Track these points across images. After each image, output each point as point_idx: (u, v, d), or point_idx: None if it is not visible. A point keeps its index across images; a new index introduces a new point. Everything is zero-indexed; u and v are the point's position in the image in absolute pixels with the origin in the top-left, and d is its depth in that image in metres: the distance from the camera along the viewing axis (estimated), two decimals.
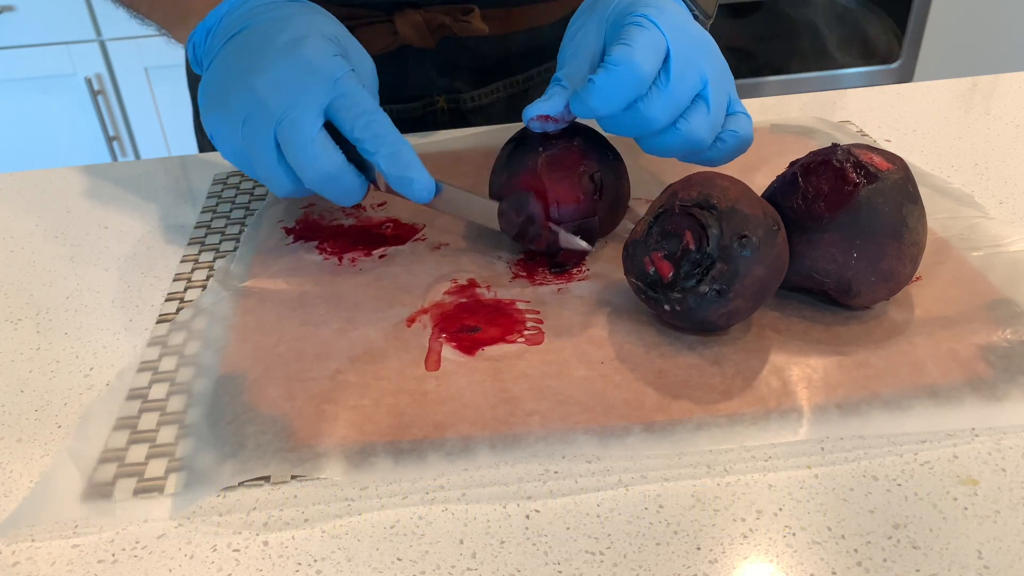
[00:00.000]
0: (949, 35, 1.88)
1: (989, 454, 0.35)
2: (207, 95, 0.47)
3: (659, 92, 0.43)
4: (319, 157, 0.43)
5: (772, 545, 0.32)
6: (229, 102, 0.45)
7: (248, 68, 0.45)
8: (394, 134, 0.44)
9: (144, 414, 0.39)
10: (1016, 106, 0.68)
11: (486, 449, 0.36)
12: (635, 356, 0.41)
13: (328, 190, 0.45)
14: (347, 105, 0.44)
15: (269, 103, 0.43)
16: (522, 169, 0.47)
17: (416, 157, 0.44)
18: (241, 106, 0.44)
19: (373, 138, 0.44)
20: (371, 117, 0.44)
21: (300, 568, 0.32)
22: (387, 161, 0.44)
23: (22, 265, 0.53)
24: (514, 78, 0.71)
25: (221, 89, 0.46)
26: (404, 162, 0.44)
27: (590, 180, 0.47)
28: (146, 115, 1.70)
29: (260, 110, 0.44)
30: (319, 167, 0.44)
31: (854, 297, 0.42)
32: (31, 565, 0.33)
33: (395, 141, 0.44)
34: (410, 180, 0.44)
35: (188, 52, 0.50)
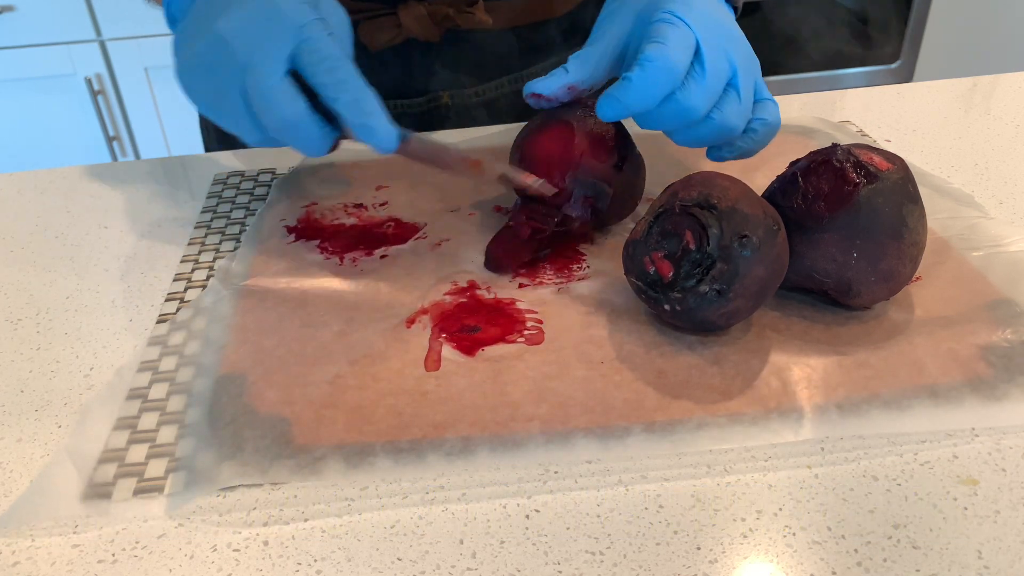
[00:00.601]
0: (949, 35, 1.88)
1: (989, 454, 0.35)
2: (179, 49, 0.46)
3: (696, 82, 0.44)
4: (281, 104, 0.43)
5: (772, 545, 0.32)
6: (196, 50, 0.44)
7: (215, 15, 0.44)
8: (358, 82, 0.43)
9: (144, 414, 0.39)
10: (1016, 106, 0.68)
11: (486, 451, 0.36)
12: (635, 356, 0.41)
13: (291, 139, 0.44)
14: (310, 50, 0.43)
15: (234, 48, 0.43)
16: (555, 120, 0.49)
17: (379, 106, 0.43)
18: (207, 53, 0.44)
19: (335, 84, 0.43)
20: (334, 64, 0.43)
21: (300, 568, 0.32)
22: (348, 109, 0.43)
23: (22, 265, 0.53)
24: (518, 74, 0.71)
25: (190, 39, 0.45)
26: (366, 110, 0.43)
27: (615, 149, 0.48)
28: (146, 115, 1.70)
29: (225, 56, 0.43)
30: (281, 114, 0.43)
31: (854, 297, 0.42)
32: (31, 565, 0.33)
33: (358, 88, 0.43)
34: (371, 128, 0.43)
35: (165, 12, 0.50)
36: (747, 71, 0.46)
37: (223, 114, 0.45)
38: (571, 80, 0.48)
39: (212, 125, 0.76)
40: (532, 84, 0.48)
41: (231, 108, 0.44)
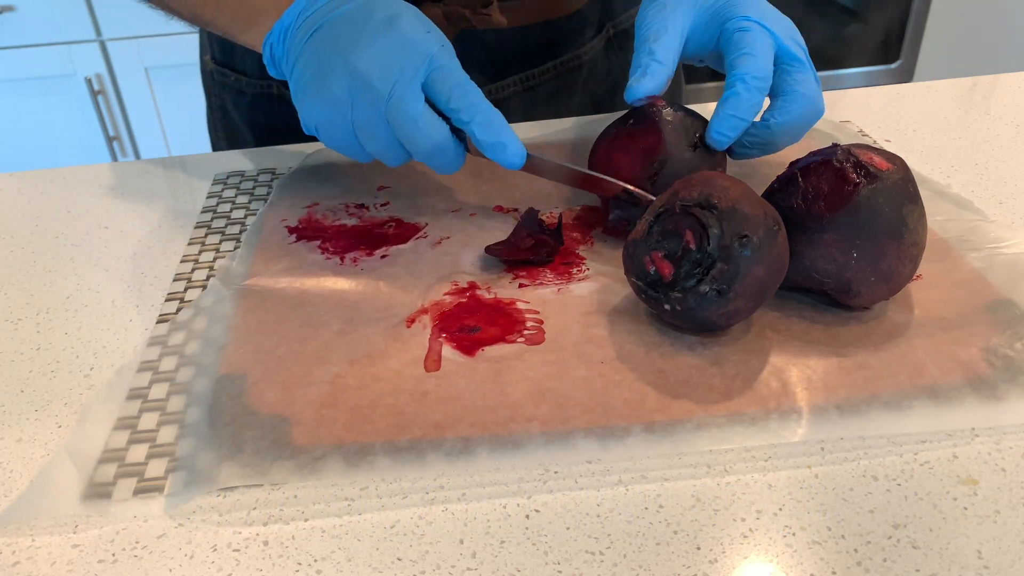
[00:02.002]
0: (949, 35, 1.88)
1: (989, 454, 0.35)
2: (301, 89, 0.49)
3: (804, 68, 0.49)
4: (428, 131, 0.46)
5: (772, 545, 0.32)
6: (330, 88, 0.46)
7: (346, 52, 0.46)
8: (486, 103, 0.47)
9: (144, 414, 0.39)
10: (1016, 106, 0.68)
11: (486, 451, 0.36)
12: (635, 356, 0.41)
13: (435, 160, 0.48)
14: (442, 78, 0.46)
15: (374, 82, 0.45)
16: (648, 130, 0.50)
17: (507, 125, 0.47)
18: (345, 89, 0.46)
19: (469, 107, 0.46)
20: (465, 88, 0.46)
21: (300, 568, 0.32)
22: (481, 129, 0.46)
23: (22, 265, 0.53)
24: (530, 71, 0.71)
25: (317, 79, 0.47)
26: (497, 129, 0.46)
27: (650, 163, 0.49)
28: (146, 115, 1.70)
29: (366, 90, 0.46)
30: (429, 140, 0.46)
31: (854, 297, 0.42)
32: (31, 565, 0.33)
33: (488, 110, 0.46)
34: (503, 146, 0.47)
35: (265, 55, 0.52)
36: (799, 44, 0.51)
37: (366, 142, 0.48)
38: (669, 72, 0.50)
39: (221, 123, 0.77)
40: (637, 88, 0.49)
41: (377, 136, 0.47)
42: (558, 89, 0.72)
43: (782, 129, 0.49)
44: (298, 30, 0.49)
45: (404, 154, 0.49)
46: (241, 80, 0.72)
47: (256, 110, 0.72)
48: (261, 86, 0.70)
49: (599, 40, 0.73)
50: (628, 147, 0.50)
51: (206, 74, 0.76)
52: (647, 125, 0.50)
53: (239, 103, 0.73)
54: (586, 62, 0.72)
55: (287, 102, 0.70)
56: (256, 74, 0.70)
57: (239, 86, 0.72)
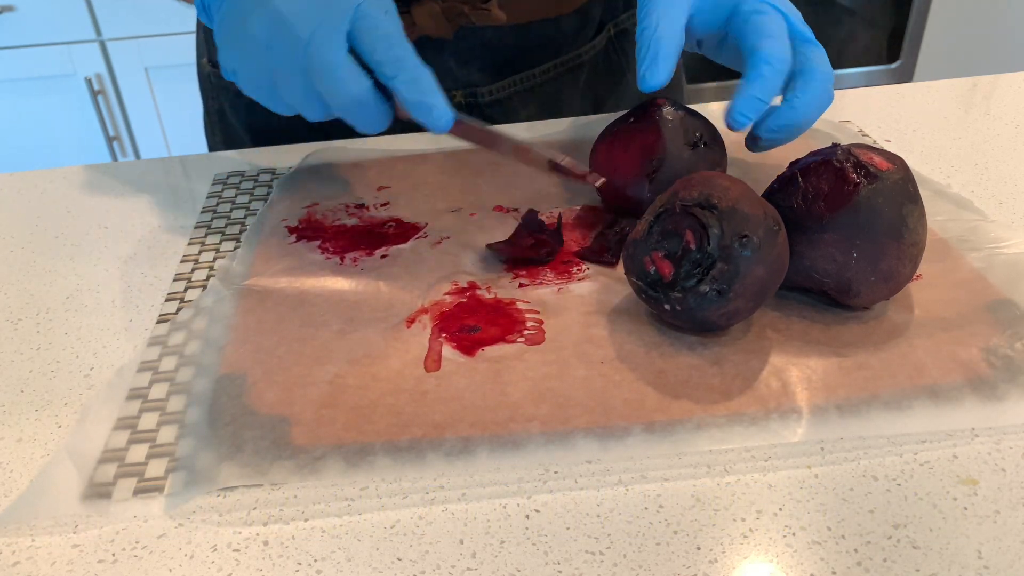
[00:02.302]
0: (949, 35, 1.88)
1: (989, 454, 0.35)
2: (223, 30, 0.46)
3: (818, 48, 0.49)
4: (348, 82, 0.43)
5: (772, 545, 0.32)
6: (249, 30, 0.44)
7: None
8: (414, 59, 0.43)
9: (144, 414, 0.39)
10: (1016, 106, 0.68)
11: (486, 451, 0.36)
12: (635, 356, 0.41)
13: (356, 116, 0.45)
14: (368, 27, 0.43)
15: (294, 25, 0.43)
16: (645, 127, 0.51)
17: (436, 84, 0.44)
18: (264, 31, 0.43)
19: (393, 62, 0.43)
20: (392, 42, 0.43)
21: (300, 568, 0.32)
22: (406, 86, 0.43)
23: (22, 265, 0.53)
24: (531, 71, 0.71)
25: (239, 20, 0.45)
26: (423, 88, 0.43)
27: (649, 161, 0.49)
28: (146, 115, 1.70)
29: (285, 33, 0.43)
30: (349, 92, 0.43)
31: (854, 297, 0.42)
32: (31, 565, 0.33)
33: (415, 67, 0.43)
34: (429, 106, 0.43)
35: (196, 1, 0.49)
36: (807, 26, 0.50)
37: (283, 91, 0.45)
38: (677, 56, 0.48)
39: (218, 126, 0.76)
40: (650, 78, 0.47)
41: (292, 87, 0.44)
42: (559, 88, 0.72)
43: (807, 108, 0.48)
44: None
45: (323, 108, 0.45)
46: None
47: (253, 112, 0.72)
48: None
49: (600, 39, 0.73)
50: (627, 145, 0.50)
51: (203, 77, 0.76)
52: (647, 124, 0.50)
53: (236, 105, 0.73)
54: (587, 61, 0.72)
55: None
56: None
57: (236, 88, 0.72)
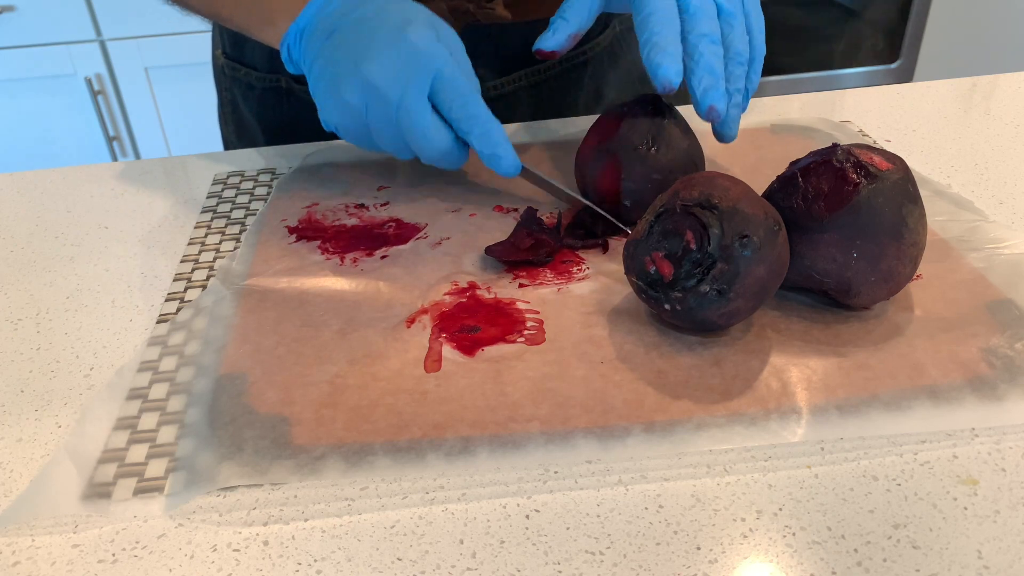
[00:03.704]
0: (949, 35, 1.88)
1: (989, 454, 0.35)
2: (319, 92, 0.51)
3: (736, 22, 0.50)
4: (435, 140, 0.49)
5: (772, 545, 0.32)
6: (344, 96, 0.49)
7: (358, 60, 0.48)
8: (486, 115, 0.49)
9: (144, 414, 0.39)
10: (1016, 106, 0.68)
11: (486, 451, 0.36)
12: (635, 356, 0.41)
13: (440, 163, 0.51)
14: (445, 88, 0.49)
15: (383, 91, 0.48)
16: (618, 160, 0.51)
17: (505, 137, 0.50)
18: (358, 97, 0.49)
19: (468, 119, 0.49)
20: (467, 99, 0.49)
21: (300, 568, 0.32)
22: (479, 141, 0.49)
23: (22, 265, 0.53)
24: (536, 67, 0.71)
25: (333, 86, 0.50)
26: (494, 141, 0.49)
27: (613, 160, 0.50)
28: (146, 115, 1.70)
29: (377, 98, 0.48)
30: (435, 147, 0.50)
31: (854, 297, 0.42)
32: (31, 565, 0.33)
33: (486, 121, 0.49)
34: (499, 157, 0.50)
35: (283, 53, 0.53)
36: None
37: (380, 144, 0.51)
38: (572, 29, 0.51)
39: (231, 117, 0.78)
40: (541, 41, 0.52)
41: (386, 140, 0.50)
42: (564, 85, 0.72)
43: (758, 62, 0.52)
44: (314, 32, 0.51)
45: (411, 153, 0.51)
46: (251, 74, 0.72)
47: (264, 104, 0.73)
48: (270, 80, 0.71)
49: (605, 37, 0.73)
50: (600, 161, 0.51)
51: (217, 68, 0.77)
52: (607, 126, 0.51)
53: (248, 97, 0.74)
54: (592, 58, 0.73)
55: (295, 96, 0.70)
56: (265, 68, 0.71)
57: (248, 80, 0.73)
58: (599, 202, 0.52)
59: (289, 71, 0.55)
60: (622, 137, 0.49)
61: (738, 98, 0.51)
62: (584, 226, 0.51)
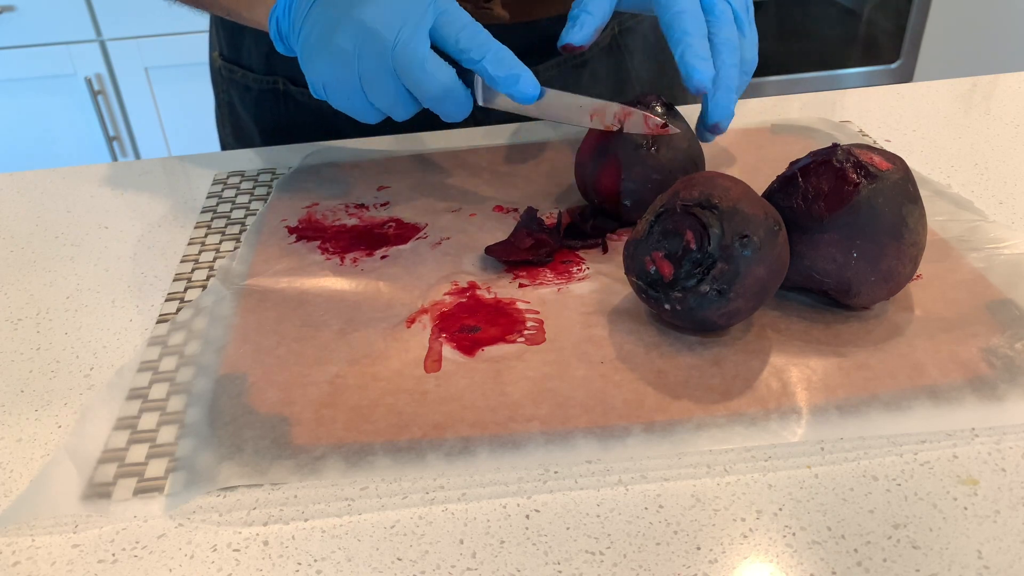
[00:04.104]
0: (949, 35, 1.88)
1: (989, 454, 0.35)
2: (308, 47, 0.49)
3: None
4: (436, 74, 0.47)
5: (772, 545, 0.32)
6: (336, 42, 0.47)
7: (350, 6, 0.47)
8: (495, 41, 0.48)
9: (144, 414, 0.39)
10: (1016, 106, 0.68)
11: (486, 451, 0.36)
12: (635, 356, 0.41)
13: (445, 105, 0.49)
14: (448, 22, 0.47)
15: (380, 31, 0.46)
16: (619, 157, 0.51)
17: (518, 59, 0.48)
18: (351, 42, 0.47)
19: (479, 46, 0.47)
20: (473, 29, 0.48)
21: (300, 568, 0.32)
22: (493, 65, 0.47)
23: (22, 265, 0.53)
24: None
25: (324, 36, 0.48)
26: (509, 63, 0.48)
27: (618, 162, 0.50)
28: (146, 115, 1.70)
29: (372, 40, 0.46)
30: (437, 83, 0.47)
31: (854, 297, 0.42)
32: (31, 565, 0.33)
33: (498, 47, 0.48)
34: (516, 77, 0.48)
35: (272, 29, 0.52)
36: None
37: (373, 97, 0.49)
38: (598, 22, 0.51)
39: (228, 119, 0.77)
40: (567, 35, 0.51)
41: (382, 89, 0.48)
42: (563, 85, 0.72)
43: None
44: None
45: (413, 104, 0.49)
46: (248, 76, 0.72)
47: (262, 106, 0.73)
48: (267, 82, 0.71)
49: (604, 37, 0.73)
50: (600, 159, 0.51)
51: (214, 71, 0.77)
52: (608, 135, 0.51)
53: (245, 99, 0.74)
54: (591, 59, 0.73)
55: (292, 98, 0.70)
56: (262, 70, 0.71)
57: (245, 82, 0.73)
58: (599, 202, 0.52)
59: (279, 50, 0.53)
60: (622, 137, 0.49)
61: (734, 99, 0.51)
62: (577, 228, 0.51)
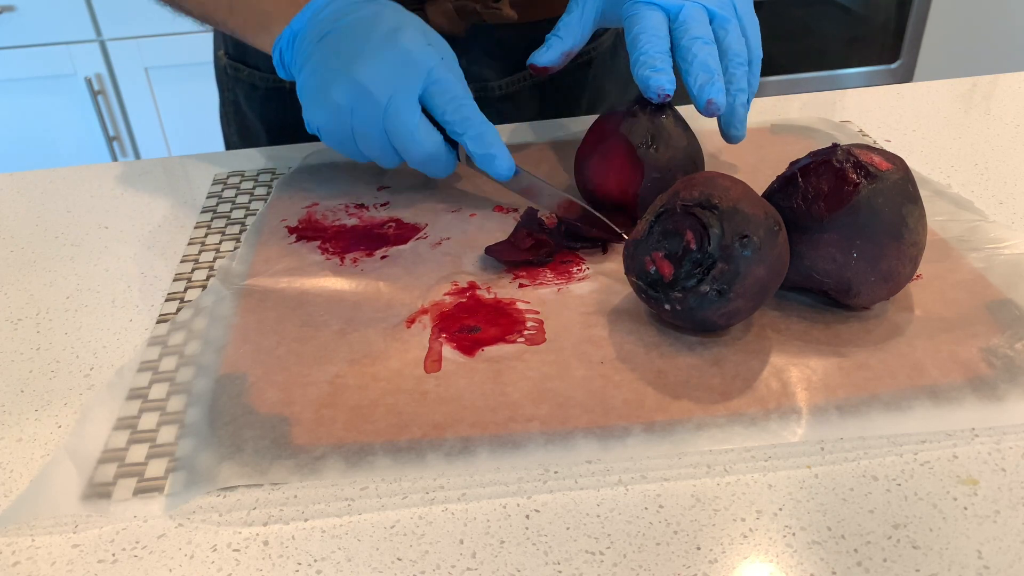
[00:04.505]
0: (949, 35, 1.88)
1: (989, 454, 0.35)
2: (307, 93, 0.51)
3: None
4: (423, 142, 0.49)
5: (772, 545, 0.32)
6: (332, 96, 0.49)
7: (349, 61, 0.48)
8: (480, 117, 0.49)
9: (144, 414, 0.39)
10: (1016, 106, 0.68)
11: (486, 451, 0.36)
12: (635, 356, 0.41)
13: (428, 168, 0.51)
14: (439, 91, 0.49)
15: (373, 93, 0.48)
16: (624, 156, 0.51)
17: (499, 138, 0.49)
18: (345, 98, 0.48)
19: (462, 121, 0.49)
20: (460, 102, 0.49)
21: (300, 568, 0.32)
22: (473, 142, 0.49)
23: (22, 265, 0.53)
24: None
25: (322, 86, 0.50)
26: (488, 142, 0.49)
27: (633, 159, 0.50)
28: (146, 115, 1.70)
29: (366, 100, 0.48)
30: (423, 150, 0.49)
31: (854, 297, 0.42)
32: (31, 565, 0.33)
33: (481, 124, 0.49)
34: (492, 157, 0.49)
35: (274, 57, 0.53)
36: None
37: (364, 148, 0.51)
38: (567, 47, 0.53)
39: (233, 118, 0.77)
40: (534, 57, 0.53)
41: (372, 144, 0.50)
42: (568, 85, 0.72)
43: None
44: (307, 36, 0.51)
45: (398, 159, 0.51)
46: (254, 75, 0.72)
47: (268, 105, 0.73)
48: (273, 81, 0.71)
49: (608, 37, 0.73)
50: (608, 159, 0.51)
51: (219, 69, 0.77)
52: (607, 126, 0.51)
53: (252, 98, 0.74)
54: (596, 59, 0.73)
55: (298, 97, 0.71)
56: (268, 69, 0.71)
57: (252, 81, 0.73)
58: (599, 202, 0.52)
59: (281, 76, 0.54)
60: (622, 137, 0.49)
61: (743, 98, 0.51)
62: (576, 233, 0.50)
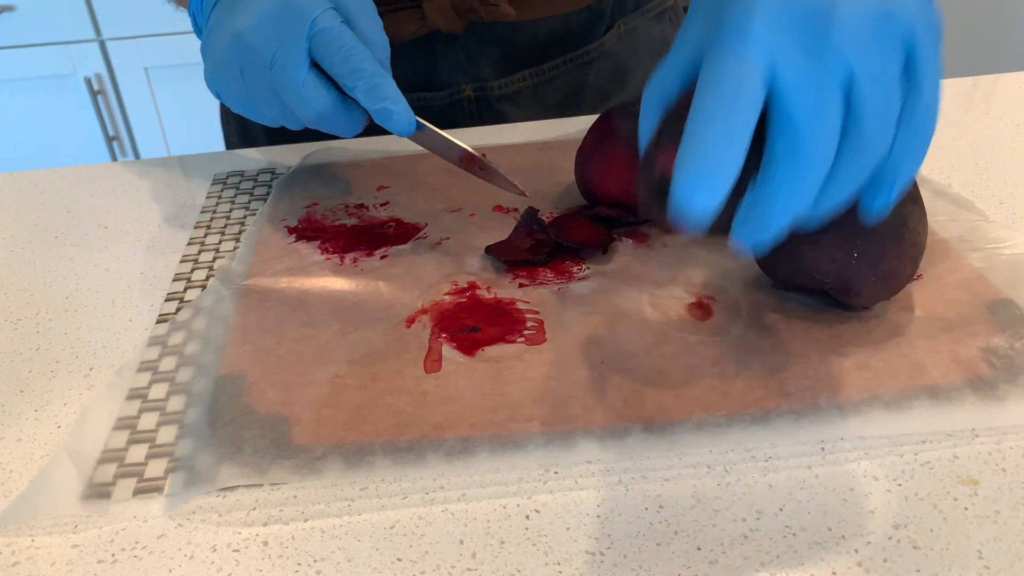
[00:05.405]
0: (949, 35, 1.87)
1: (989, 454, 0.35)
2: (206, 56, 0.48)
3: None
4: (311, 99, 0.44)
5: (772, 545, 0.32)
6: (221, 57, 0.46)
7: (234, 18, 0.45)
8: (372, 68, 0.44)
9: (144, 414, 0.39)
10: (1016, 106, 0.68)
11: (486, 451, 0.36)
12: (635, 356, 0.41)
13: (326, 127, 0.46)
14: (325, 42, 0.44)
15: (257, 48, 0.44)
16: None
17: (396, 90, 0.45)
18: (234, 57, 0.45)
19: (351, 73, 0.44)
20: (348, 53, 0.44)
21: (300, 568, 0.32)
22: (365, 95, 0.44)
23: (22, 265, 0.53)
24: (540, 66, 0.71)
25: (213, 46, 0.47)
26: (382, 95, 0.44)
27: None
28: (146, 115, 1.70)
29: (251, 56, 0.44)
30: (312, 108, 0.45)
31: (854, 297, 0.42)
32: (31, 565, 0.33)
33: (373, 75, 0.44)
34: (389, 112, 0.45)
35: (192, 23, 0.51)
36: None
37: (259, 111, 0.47)
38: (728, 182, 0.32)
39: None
40: None
41: (267, 104, 0.46)
42: (569, 84, 0.72)
43: None
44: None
45: (296, 120, 0.47)
46: None
47: None
48: None
49: (610, 36, 0.73)
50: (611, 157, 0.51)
51: None
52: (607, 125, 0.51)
53: None
54: (596, 58, 0.73)
55: None
56: None
57: None
58: (600, 202, 0.52)
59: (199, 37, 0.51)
60: (622, 137, 0.49)
61: None
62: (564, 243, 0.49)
